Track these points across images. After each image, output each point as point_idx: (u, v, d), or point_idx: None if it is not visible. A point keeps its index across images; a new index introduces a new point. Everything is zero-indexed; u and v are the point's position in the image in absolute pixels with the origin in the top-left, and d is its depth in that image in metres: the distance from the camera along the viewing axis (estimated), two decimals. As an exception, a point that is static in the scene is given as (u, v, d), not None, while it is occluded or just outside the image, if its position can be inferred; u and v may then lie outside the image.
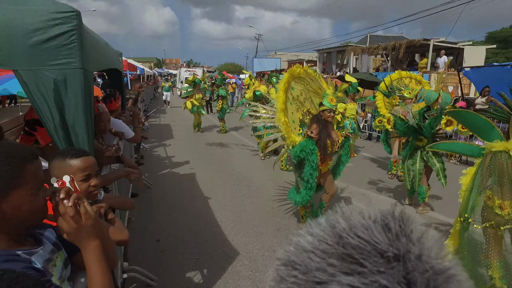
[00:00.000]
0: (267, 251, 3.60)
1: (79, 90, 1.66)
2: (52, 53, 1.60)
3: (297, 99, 3.97)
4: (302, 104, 4.04)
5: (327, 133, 3.70)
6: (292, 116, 3.84)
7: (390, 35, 30.06)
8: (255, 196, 5.22)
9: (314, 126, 3.73)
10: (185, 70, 27.22)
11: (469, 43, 16.29)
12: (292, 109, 3.86)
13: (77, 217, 0.93)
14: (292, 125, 3.78)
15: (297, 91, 3.96)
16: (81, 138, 1.71)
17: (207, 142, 9.32)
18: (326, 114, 3.71)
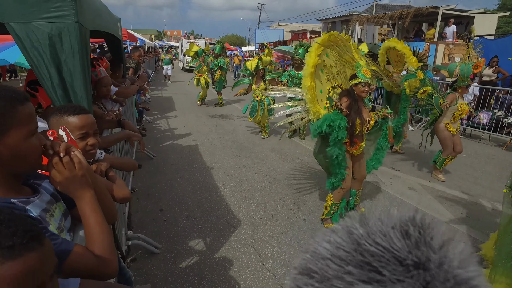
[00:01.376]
0: (269, 220, 3.65)
1: (76, 45, 1.60)
2: (44, 5, 1.53)
3: (330, 69, 3.40)
4: (334, 76, 3.47)
5: (358, 110, 3.25)
6: (321, 85, 3.28)
7: (397, 4, 29.01)
8: (257, 166, 5.23)
9: (344, 99, 3.28)
10: (187, 42, 26.63)
11: (480, 10, 15.68)
12: (322, 78, 3.30)
13: (69, 166, 0.92)
14: (319, 96, 3.24)
15: (330, 61, 3.37)
16: (80, 96, 1.67)
17: (209, 114, 9.27)
18: (360, 88, 3.24)
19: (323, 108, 3.27)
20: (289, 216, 3.75)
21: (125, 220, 2.97)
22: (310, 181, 4.75)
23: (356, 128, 3.27)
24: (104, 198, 1.09)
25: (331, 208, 3.52)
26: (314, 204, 4.06)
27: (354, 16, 20.82)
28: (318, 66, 3.14)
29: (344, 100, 3.26)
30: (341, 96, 3.33)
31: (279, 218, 3.69)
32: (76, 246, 0.87)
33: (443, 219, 3.80)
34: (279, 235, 3.37)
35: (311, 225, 3.57)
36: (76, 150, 0.95)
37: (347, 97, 3.29)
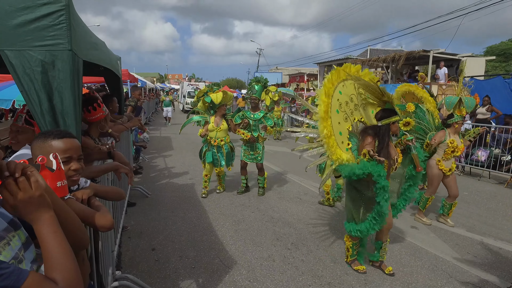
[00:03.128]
0: (265, 260, 3.48)
1: (68, 73, 1.60)
2: (40, 33, 1.55)
3: (346, 107, 3.11)
4: (352, 112, 3.19)
5: (386, 150, 2.98)
6: (339, 127, 3.00)
7: (390, 49, 30.31)
8: (255, 206, 5.10)
9: (368, 139, 2.97)
10: (187, 84, 27.42)
11: (469, 54, 16.35)
12: (339, 118, 3.01)
13: (24, 186, 0.83)
14: (339, 138, 2.98)
15: (345, 97, 3.10)
16: (69, 123, 1.64)
17: (207, 153, 9.24)
18: (397, 126, 3.04)
19: (345, 150, 3.01)
20: (287, 256, 3.57)
21: (113, 259, 2.82)
22: (309, 220, 4.61)
23: (384, 168, 2.89)
24: (71, 222, 1.01)
25: (352, 248, 3.28)
26: (312, 243, 3.89)
27: (349, 59, 21.60)
28: (332, 107, 2.92)
29: (369, 141, 2.96)
30: (364, 135, 3.03)
31: (276, 258, 3.52)
32: (32, 274, 0.77)
33: (448, 258, 3.62)
34: (276, 276, 3.19)
35: (310, 266, 3.39)
36: (34, 169, 0.87)
37: (371, 137, 2.98)
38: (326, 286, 3.06)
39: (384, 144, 2.93)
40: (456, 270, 3.39)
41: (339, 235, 4.16)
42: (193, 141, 11.30)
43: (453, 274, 3.32)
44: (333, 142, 2.85)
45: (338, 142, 2.93)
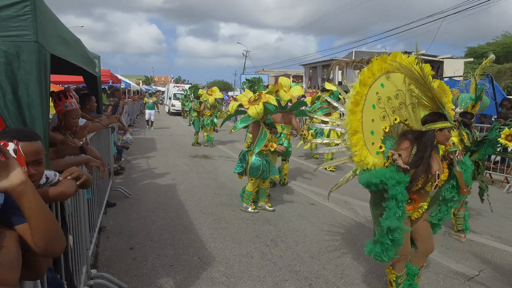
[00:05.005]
0: (244, 257, 3.50)
1: (33, 64, 1.60)
2: (3, 23, 1.55)
3: (387, 103, 2.56)
4: (395, 111, 2.61)
5: (427, 162, 2.36)
6: (372, 125, 2.49)
7: (374, 51, 30.82)
8: (236, 204, 5.13)
9: (405, 144, 2.44)
10: (173, 86, 27.23)
11: (448, 56, 16.78)
12: (374, 115, 2.50)
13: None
14: (370, 138, 2.48)
15: (388, 91, 2.55)
16: (35, 115, 1.63)
17: (191, 154, 9.23)
18: (446, 135, 2.39)
19: (376, 153, 2.51)
20: (265, 253, 3.61)
21: (87, 258, 2.79)
22: (289, 218, 4.66)
23: (417, 183, 2.39)
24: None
25: (396, 282, 2.63)
26: (292, 240, 3.94)
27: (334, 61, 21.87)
28: (367, 101, 2.44)
29: (405, 146, 2.42)
30: (402, 139, 2.50)
31: (255, 255, 3.55)
32: None
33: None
34: (253, 272, 3.22)
35: (288, 261, 3.43)
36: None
37: (410, 142, 2.43)
38: (302, 280, 3.10)
39: (425, 153, 2.34)
40: (428, 262, 3.49)
41: (318, 232, 4.22)
42: (178, 143, 11.28)
43: (427, 265, 3.41)
44: (359, 141, 2.42)
45: (366, 142, 2.46)
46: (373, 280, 3.13)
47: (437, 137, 2.39)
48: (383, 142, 2.55)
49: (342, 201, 5.41)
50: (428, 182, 2.40)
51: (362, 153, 2.43)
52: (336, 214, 4.86)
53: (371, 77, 2.43)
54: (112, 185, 5.32)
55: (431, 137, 2.38)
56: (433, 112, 2.46)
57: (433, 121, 2.40)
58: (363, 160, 2.43)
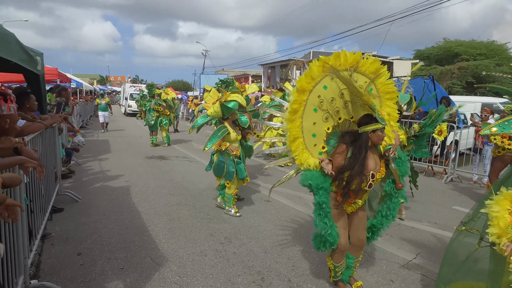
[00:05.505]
0: (198, 255, 3.51)
1: None
2: None
3: (331, 103, 2.59)
4: (339, 111, 2.65)
5: (361, 163, 2.46)
6: (314, 127, 2.59)
7: (332, 51, 31.85)
8: (191, 204, 5.10)
9: (341, 148, 2.54)
10: (130, 86, 26.25)
11: (397, 57, 17.81)
12: (316, 118, 2.58)
13: None
14: (312, 141, 2.61)
15: (332, 92, 2.57)
16: None
17: (146, 155, 8.99)
18: (379, 135, 2.48)
19: (319, 153, 2.65)
20: (219, 250, 3.64)
21: (25, 267, 2.64)
22: (244, 215, 4.72)
23: (353, 183, 2.49)
24: None
25: (334, 270, 2.84)
26: (245, 237, 4.00)
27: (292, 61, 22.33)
28: (308, 105, 2.52)
29: (341, 150, 2.53)
30: (339, 142, 2.60)
31: (208, 253, 3.57)
32: None
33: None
34: (206, 270, 3.23)
35: (241, 257, 3.49)
36: None
37: (346, 145, 2.52)
38: (255, 275, 3.17)
39: (360, 155, 2.46)
40: (374, 249, 3.72)
41: (272, 227, 4.33)
42: (134, 144, 10.93)
43: (372, 252, 3.64)
44: (299, 146, 2.56)
45: (308, 145, 2.60)
46: (323, 270, 3.28)
47: (371, 139, 2.48)
48: (327, 141, 2.66)
49: (296, 196, 5.58)
50: (363, 182, 2.51)
51: (303, 156, 2.56)
52: (290, 209, 5.01)
53: (311, 82, 2.47)
54: (60, 189, 5.06)
55: (365, 139, 2.47)
56: (366, 115, 2.55)
57: (366, 124, 2.49)
58: (303, 163, 2.57)
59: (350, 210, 2.72)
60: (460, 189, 6.71)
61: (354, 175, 2.45)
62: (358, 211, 2.75)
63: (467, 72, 28.41)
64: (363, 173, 2.47)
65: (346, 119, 2.69)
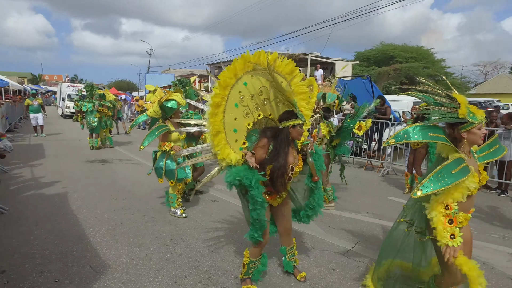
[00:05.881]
0: (142, 260, 3.39)
1: None
2: None
3: (251, 100, 2.69)
4: (259, 107, 2.75)
5: (282, 157, 2.57)
6: (235, 123, 2.65)
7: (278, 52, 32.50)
8: (135, 208, 4.90)
9: (263, 142, 2.62)
10: (67, 86, 24.41)
11: (339, 58, 18.75)
12: (237, 114, 2.64)
13: None
14: (233, 136, 2.65)
15: (252, 89, 2.66)
16: None
17: (87, 159, 8.45)
18: (298, 130, 2.63)
19: (240, 149, 2.68)
20: (165, 253, 3.55)
21: None
22: (191, 216, 4.66)
23: (277, 177, 2.61)
24: None
25: (248, 266, 2.86)
26: (192, 238, 3.95)
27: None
28: (229, 101, 2.57)
29: (263, 144, 2.61)
30: (260, 137, 2.69)
31: (153, 256, 3.46)
32: None
33: (312, 233, 4.12)
34: (152, 273, 3.14)
35: (187, 258, 3.44)
36: None
37: (268, 139, 2.61)
38: (201, 274, 3.15)
39: (281, 149, 2.57)
40: (317, 242, 3.89)
41: (219, 226, 4.33)
42: (72, 148, 10.23)
43: (315, 245, 3.81)
44: (221, 141, 2.57)
45: (229, 140, 2.63)
46: (270, 266, 3.35)
47: (291, 134, 2.61)
48: (248, 137, 2.74)
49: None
50: (284, 175, 2.62)
51: (224, 151, 2.58)
52: (238, 208, 5.03)
53: (233, 78, 2.54)
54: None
55: (286, 134, 2.59)
56: (287, 111, 2.67)
57: (286, 119, 2.61)
58: (225, 158, 2.59)
59: (276, 204, 2.84)
60: (395, 181, 7.27)
61: (277, 168, 2.56)
62: (283, 202, 2.88)
63: (401, 73, 30.86)
64: (285, 167, 2.59)
65: (264, 116, 2.79)
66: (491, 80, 38.94)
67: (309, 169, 2.80)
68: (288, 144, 2.60)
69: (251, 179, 2.46)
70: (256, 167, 2.48)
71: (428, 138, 2.15)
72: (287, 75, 2.78)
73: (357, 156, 9.03)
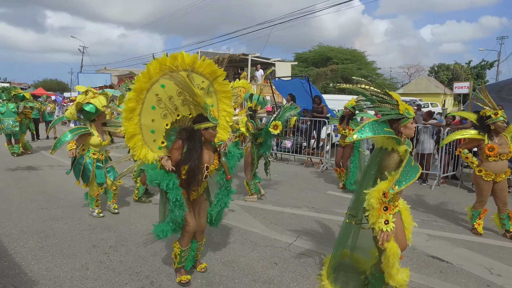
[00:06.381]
0: (77, 271, 3.18)
1: None
2: None
3: (169, 101, 2.76)
4: (178, 108, 2.84)
5: (197, 157, 2.74)
6: (153, 124, 2.73)
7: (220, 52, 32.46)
8: (69, 216, 4.57)
9: (177, 144, 2.76)
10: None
11: (278, 59, 19.29)
12: (155, 115, 2.72)
13: None
14: (151, 137, 2.76)
15: (170, 90, 2.73)
16: None
17: (8, 167, 7.61)
18: (211, 133, 2.79)
19: (158, 148, 2.82)
20: (103, 261, 3.37)
21: None
22: (131, 220, 4.48)
23: (193, 176, 2.79)
24: None
25: (180, 256, 2.96)
26: (133, 243, 3.80)
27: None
28: (146, 103, 2.64)
29: (178, 146, 2.76)
30: (176, 139, 2.82)
31: (91, 266, 3.27)
32: None
33: (255, 230, 4.22)
34: (89, 284, 2.96)
35: (128, 264, 3.31)
36: None
37: (182, 141, 2.76)
38: (144, 280, 3.06)
39: (195, 150, 2.73)
40: (260, 238, 4.00)
41: (162, 229, 4.22)
42: None
43: (258, 241, 3.90)
44: (137, 142, 2.68)
45: (147, 141, 2.74)
46: (213, 264, 3.37)
47: (204, 135, 2.77)
48: (167, 137, 2.86)
49: (187, 196, 5.55)
50: (199, 173, 2.80)
51: (141, 152, 2.70)
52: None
53: (148, 82, 2.59)
54: None
55: (199, 135, 2.76)
56: (199, 114, 2.81)
57: (199, 122, 2.77)
58: (141, 158, 2.72)
59: (192, 198, 2.99)
60: (333, 176, 7.71)
61: (192, 168, 2.73)
62: (199, 199, 3.04)
63: (337, 73, 32.74)
64: (199, 166, 2.77)
65: (184, 115, 2.91)
66: (414, 81, 43.21)
67: (223, 168, 3.01)
68: (201, 145, 2.77)
69: (167, 183, 2.62)
70: (172, 170, 2.65)
71: (385, 133, 2.35)
72: (209, 75, 2.90)
73: (298, 153, 9.41)
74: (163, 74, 2.64)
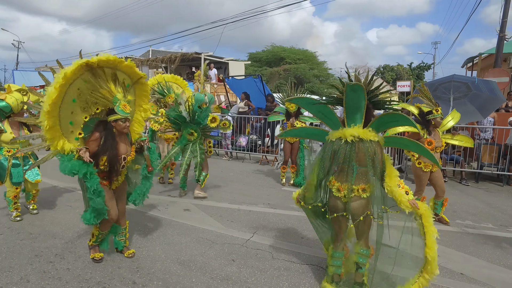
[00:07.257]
0: (15, 285, 2.90)
1: None
2: None
3: (91, 94, 2.96)
4: (98, 102, 3.03)
5: (112, 147, 2.98)
6: (72, 116, 2.92)
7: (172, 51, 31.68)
8: (5, 225, 4.18)
9: (95, 136, 2.97)
10: None
11: (232, 58, 19.31)
12: (74, 108, 2.92)
13: None
14: (69, 128, 2.93)
15: (92, 85, 2.93)
16: None
17: None
18: (120, 125, 2.97)
19: (75, 139, 2.98)
20: (47, 271, 3.13)
21: None
22: (80, 226, 4.21)
23: (113, 166, 3.04)
24: None
25: (97, 236, 3.26)
26: (82, 249, 3.57)
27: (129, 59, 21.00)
28: (66, 97, 2.78)
29: (95, 137, 2.96)
30: (94, 131, 3.02)
31: (32, 278, 3.01)
32: None
33: (211, 229, 4.19)
34: (30, 297, 2.74)
35: (77, 272, 3.11)
36: None
37: (99, 133, 2.97)
38: (95, 286, 2.89)
39: (108, 141, 2.96)
40: (217, 236, 3.98)
41: (113, 233, 4.03)
42: None
43: (215, 239, 3.88)
44: (55, 133, 2.81)
45: (64, 132, 2.90)
46: (170, 265, 3.28)
47: (115, 127, 2.99)
48: (84, 128, 3.04)
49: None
50: (116, 163, 3.05)
51: (59, 143, 2.84)
52: (130, 210, 4.77)
53: (69, 78, 2.71)
54: None
55: (111, 127, 2.99)
56: (110, 108, 2.99)
57: (109, 115, 2.98)
58: (59, 149, 2.86)
59: (115, 186, 3.24)
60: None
61: (109, 158, 2.98)
62: (119, 187, 3.29)
63: (290, 73, 33.50)
64: (116, 157, 3.02)
65: (103, 109, 3.09)
66: (362, 81, 45.25)
67: (145, 160, 3.34)
68: (113, 136, 3.00)
69: (85, 172, 2.82)
70: (90, 161, 2.83)
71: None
72: (131, 74, 3.15)
73: (253, 152, 9.50)
74: (86, 70, 2.83)
